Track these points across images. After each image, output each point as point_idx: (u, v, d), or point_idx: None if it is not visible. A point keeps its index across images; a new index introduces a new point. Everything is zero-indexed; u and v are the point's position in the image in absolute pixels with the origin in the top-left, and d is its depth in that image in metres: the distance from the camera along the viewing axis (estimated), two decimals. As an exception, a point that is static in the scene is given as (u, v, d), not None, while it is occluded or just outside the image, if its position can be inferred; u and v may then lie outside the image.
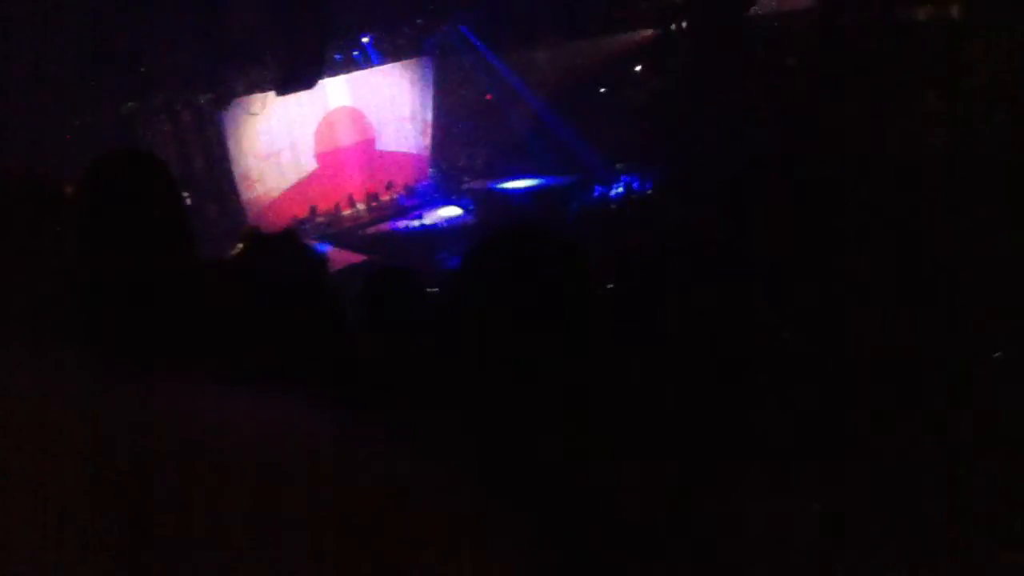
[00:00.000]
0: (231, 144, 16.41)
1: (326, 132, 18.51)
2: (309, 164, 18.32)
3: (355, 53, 17.89)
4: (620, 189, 16.72)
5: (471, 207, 18.41)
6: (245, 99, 16.17)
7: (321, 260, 1.32)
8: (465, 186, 19.60)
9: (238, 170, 16.69)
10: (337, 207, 18.28)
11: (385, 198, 18.87)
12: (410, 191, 19.49)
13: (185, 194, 12.36)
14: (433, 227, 17.01)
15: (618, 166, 17.71)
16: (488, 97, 19.84)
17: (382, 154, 19.54)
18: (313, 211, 17.50)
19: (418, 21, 18.30)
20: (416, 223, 17.49)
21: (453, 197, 19.35)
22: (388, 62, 18.68)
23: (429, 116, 20.25)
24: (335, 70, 17.54)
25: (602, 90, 19.24)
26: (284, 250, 1.20)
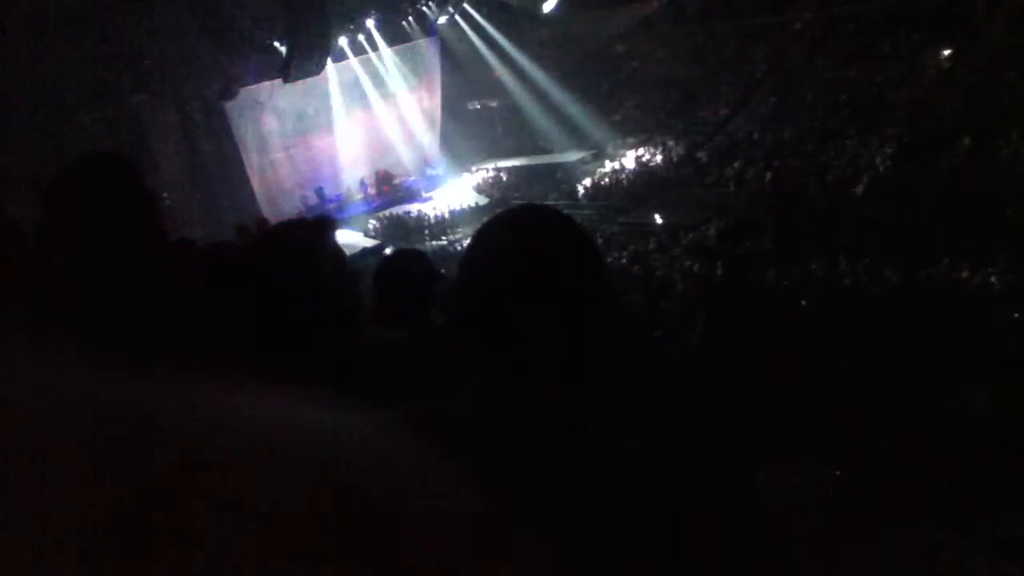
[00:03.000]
0: (238, 133, 16.45)
1: (334, 118, 18.50)
2: (318, 149, 18.34)
3: (361, 37, 17.81)
4: (631, 164, 16.60)
5: (480, 188, 18.36)
6: (251, 88, 16.17)
7: (340, 252, 1.31)
8: (474, 167, 19.53)
9: (246, 158, 16.74)
10: (348, 191, 18.31)
11: (396, 182, 18.85)
12: (420, 174, 19.44)
13: (164, 195, 12.42)
14: (444, 209, 16.99)
15: (628, 140, 17.57)
16: (495, 75, 19.70)
17: (391, 137, 19.49)
18: (323, 195, 17.52)
19: (422, 1, 18.15)
20: (427, 206, 17.47)
21: (462, 178, 19.31)
22: (394, 45, 18.59)
23: (437, 97, 20.15)
24: (341, 56, 17.49)
25: (610, 63, 19.04)
26: (309, 241, 1.19)
